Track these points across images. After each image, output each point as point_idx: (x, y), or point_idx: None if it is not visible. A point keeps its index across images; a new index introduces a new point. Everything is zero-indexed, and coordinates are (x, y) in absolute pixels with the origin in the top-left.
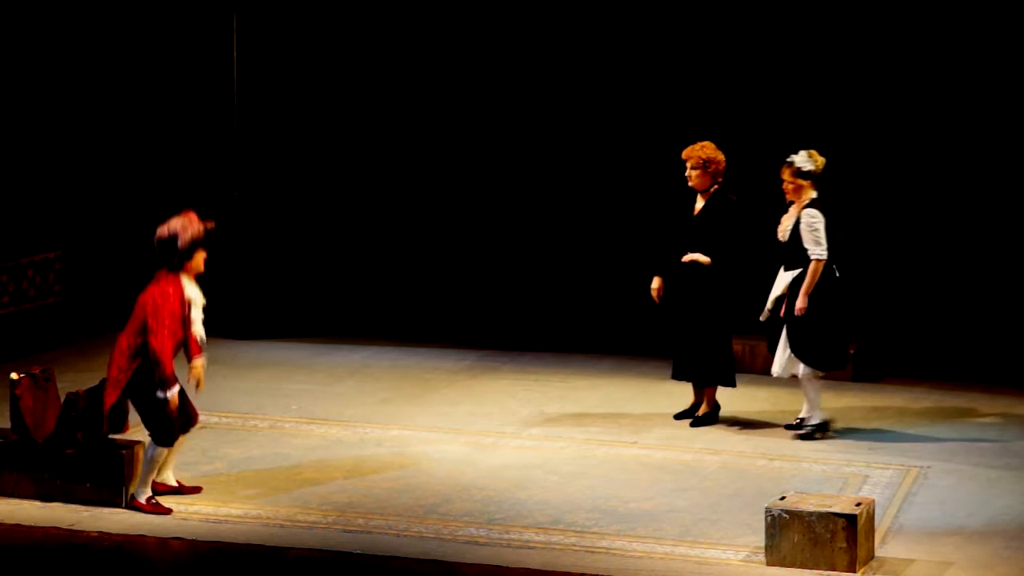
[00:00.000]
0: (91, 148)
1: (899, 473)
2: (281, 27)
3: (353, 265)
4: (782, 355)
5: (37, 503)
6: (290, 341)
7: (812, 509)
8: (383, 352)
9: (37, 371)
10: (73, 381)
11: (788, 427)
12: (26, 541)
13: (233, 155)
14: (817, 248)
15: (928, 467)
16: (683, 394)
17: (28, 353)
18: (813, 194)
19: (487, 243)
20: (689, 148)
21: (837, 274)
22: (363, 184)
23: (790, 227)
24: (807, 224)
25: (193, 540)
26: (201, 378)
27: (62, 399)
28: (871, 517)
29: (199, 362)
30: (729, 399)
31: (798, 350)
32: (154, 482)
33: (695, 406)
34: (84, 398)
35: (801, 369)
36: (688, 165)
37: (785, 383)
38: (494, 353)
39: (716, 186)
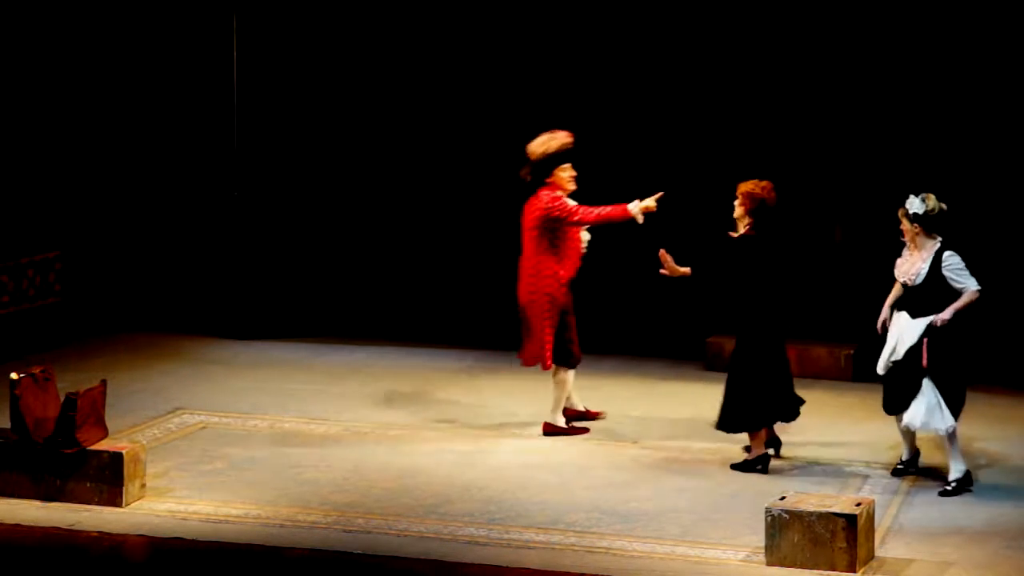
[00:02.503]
0: (91, 148)
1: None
2: (281, 27)
3: (353, 265)
4: (936, 410)
5: (37, 503)
6: (290, 341)
7: (812, 509)
8: (383, 352)
9: (37, 371)
10: (73, 381)
11: (942, 494)
12: (26, 541)
13: (233, 155)
14: (971, 281)
15: (928, 467)
16: (683, 394)
17: (28, 353)
18: (937, 239)
19: (487, 243)
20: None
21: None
22: (362, 184)
23: (924, 270)
24: (950, 266)
25: (193, 540)
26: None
27: (62, 399)
28: (871, 517)
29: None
30: None
31: (952, 401)
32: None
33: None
34: (85, 398)
35: (949, 423)
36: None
37: None
38: (494, 353)
39: (747, 227)
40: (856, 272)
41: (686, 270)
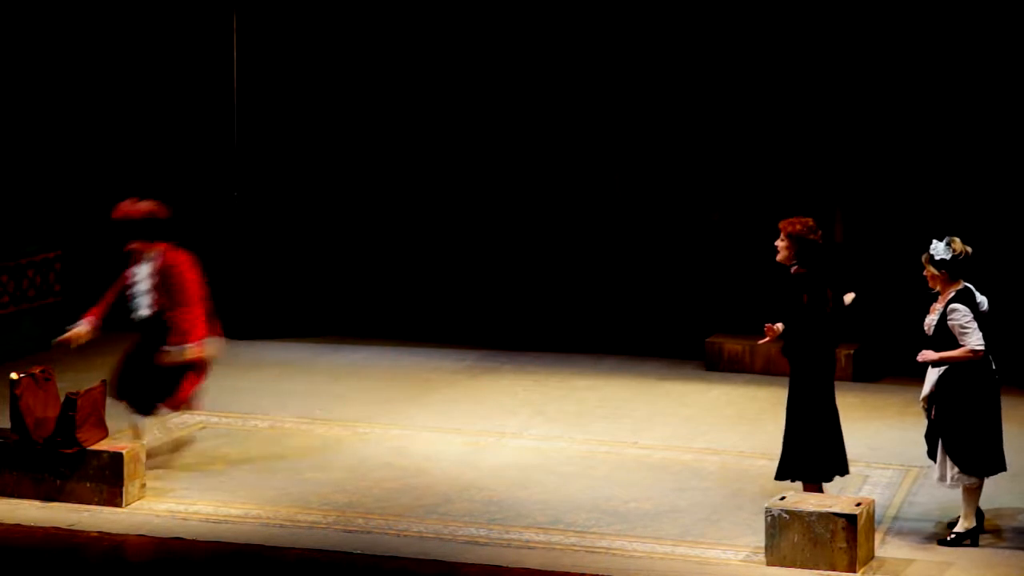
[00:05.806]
0: (91, 148)
1: (899, 473)
2: (281, 27)
3: (353, 265)
4: (944, 462)
5: (37, 503)
6: (290, 341)
7: (812, 509)
8: (383, 352)
9: (37, 371)
10: (73, 381)
11: (941, 543)
12: (26, 541)
13: (233, 155)
14: (972, 337)
15: (928, 467)
16: (683, 394)
17: (28, 353)
18: (959, 285)
19: (487, 243)
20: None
21: (997, 375)
22: (362, 184)
23: (935, 321)
24: (954, 319)
25: (193, 540)
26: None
27: (62, 399)
28: (871, 517)
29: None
30: (729, 399)
31: (955, 454)
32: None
33: None
34: (84, 397)
35: (957, 475)
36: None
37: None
38: (494, 353)
39: (795, 266)
40: (856, 272)
41: (779, 327)
